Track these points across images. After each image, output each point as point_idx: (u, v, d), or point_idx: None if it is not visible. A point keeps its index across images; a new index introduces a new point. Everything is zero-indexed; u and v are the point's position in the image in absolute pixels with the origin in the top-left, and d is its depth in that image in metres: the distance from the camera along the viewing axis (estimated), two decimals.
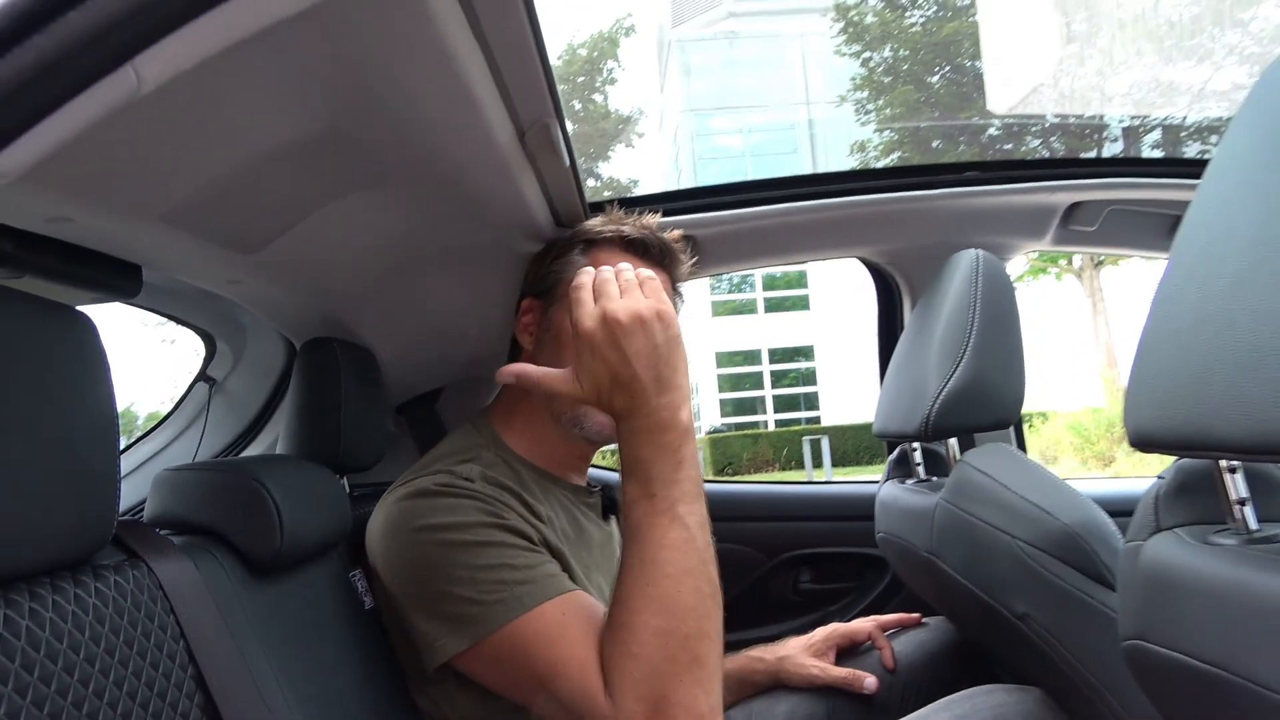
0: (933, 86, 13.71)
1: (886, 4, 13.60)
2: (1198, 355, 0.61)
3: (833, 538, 1.79)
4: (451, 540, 0.93)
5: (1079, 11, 12.37)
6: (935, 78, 13.74)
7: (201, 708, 0.73)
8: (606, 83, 13.83)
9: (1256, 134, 0.62)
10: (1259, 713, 0.57)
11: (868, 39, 13.41)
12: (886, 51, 13.50)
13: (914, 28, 13.47)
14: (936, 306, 1.32)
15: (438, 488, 0.97)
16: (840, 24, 13.53)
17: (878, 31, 13.31)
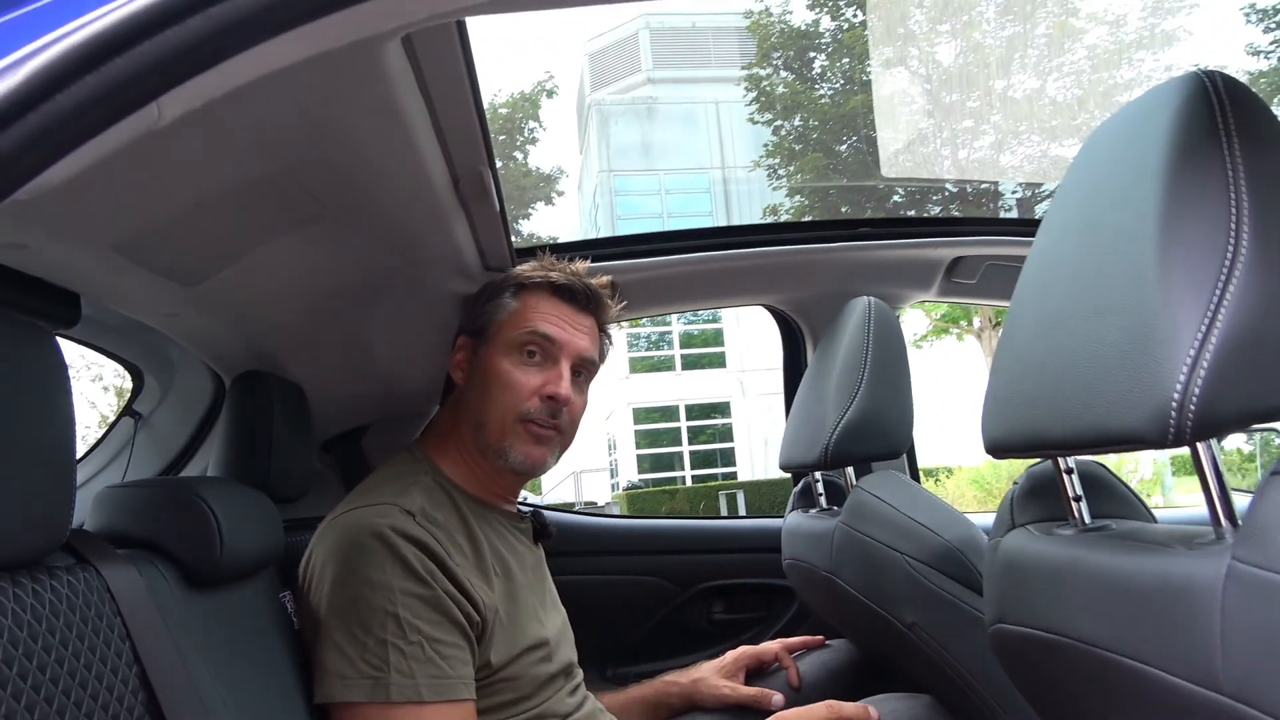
0: (841, 155, 14.34)
1: (796, 76, 14.21)
2: (1033, 372, 0.73)
3: (743, 569, 1.88)
4: (365, 598, 1.00)
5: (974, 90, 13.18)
6: (843, 147, 14.37)
7: (145, 705, 0.76)
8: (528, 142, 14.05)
9: (1078, 192, 0.75)
10: (1088, 667, 0.68)
11: (779, 108, 13.98)
12: (797, 120, 14.09)
13: (822, 99, 14.10)
14: (834, 348, 1.44)
15: (379, 535, 1.03)
16: (753, 93, 14.08)
17: (788, 101, 13.90)
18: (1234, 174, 0.57)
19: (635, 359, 20.92)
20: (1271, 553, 0.52)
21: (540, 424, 1.18)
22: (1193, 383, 0.55)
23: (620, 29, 21.72)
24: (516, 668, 1.12)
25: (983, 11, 13.34)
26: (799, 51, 14.14)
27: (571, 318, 1.23)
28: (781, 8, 14.40)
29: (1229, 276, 0.56)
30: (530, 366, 1.19)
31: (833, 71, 14.35)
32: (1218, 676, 0.54)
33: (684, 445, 20.32)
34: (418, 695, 0.97)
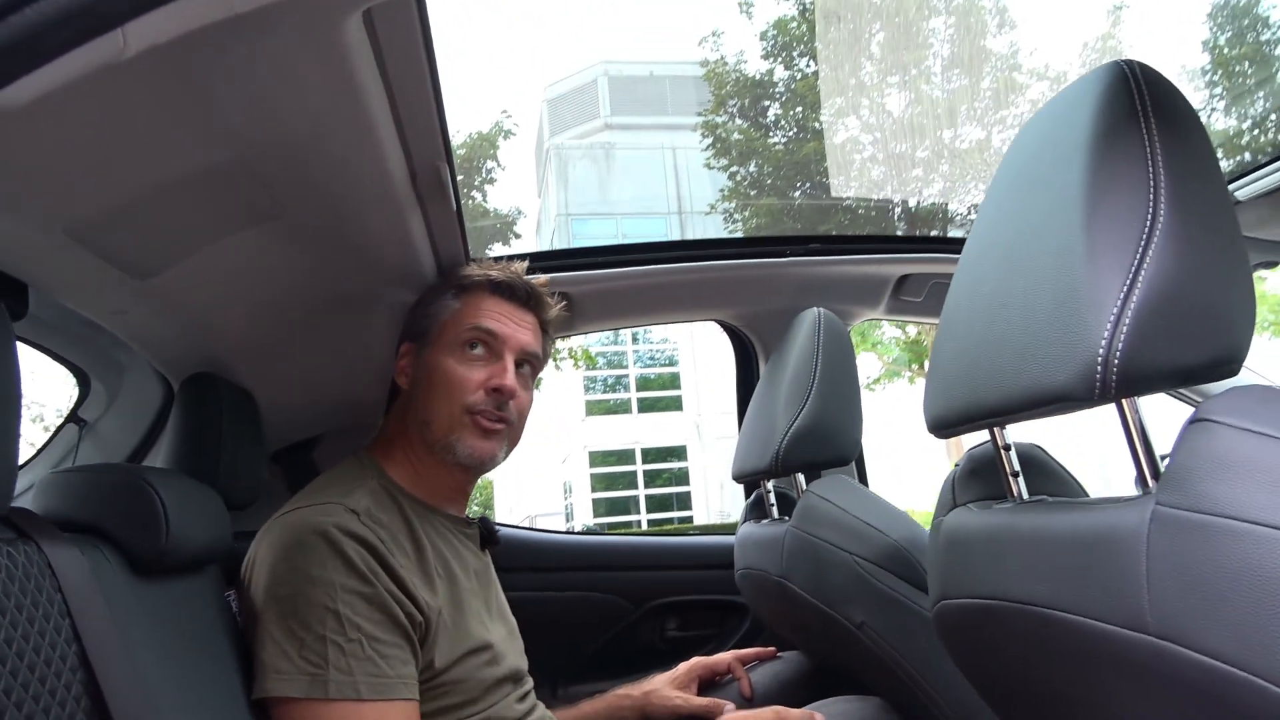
0: (794, 200, 14.60)
1: (751, 124, 14.49)
2: (970, 348, 0.76)
3: (697, 585, 1.88)
4: (306, 594, 0.99)
5: (923, 140, 13.56)
6: (797, 193, 14.63)
7: (84, 684, 0.74)
8: (486, 181, 14.07)
9: (1008, 181, 0.79)
10: (1025, 626, 0.70)
11: (734, 154, 14.23)
12: (752, 166, 14.33)
13: (776, 146, 14.38)
14: (785, 359, 1.47)
15: (322, 533, 1.03)
16: (709, 139, 14.32)
17: (743, 147, 14.16)
18: (1152, 151, 0.61)
19: (592, 401, 20.88)
20: (1192, 494, 0.54)
21: (487, 417, 1.19)
22: (1116, 339, 0.58)
23: (579, 75, 22.03)
24: (460, 670, 1.11)
25: (930, 65, 13.77)
26: (754, 100, 14.45)
27: (513, 314, 1.25)
28: (737, 57, 14.73)
29: (1148, 242, 0.59)
30: (474, 361, 1.20)
31: (786, 120, 14.66)
32: (1145, 619, 0.56)
33: (640, 489, 20.23)
34: (355, 693, 0.96)
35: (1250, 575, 0.50)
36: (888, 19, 13.49)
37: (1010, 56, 13.35)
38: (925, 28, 13.61)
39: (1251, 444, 0.53)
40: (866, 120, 13.63)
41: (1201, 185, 0.62)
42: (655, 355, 21.83)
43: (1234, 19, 10.64)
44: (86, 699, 0.74)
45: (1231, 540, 0.51)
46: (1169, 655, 0.55)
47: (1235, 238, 0.64)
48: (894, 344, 12.93)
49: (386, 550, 1.05)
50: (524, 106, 27.90)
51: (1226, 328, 0.60)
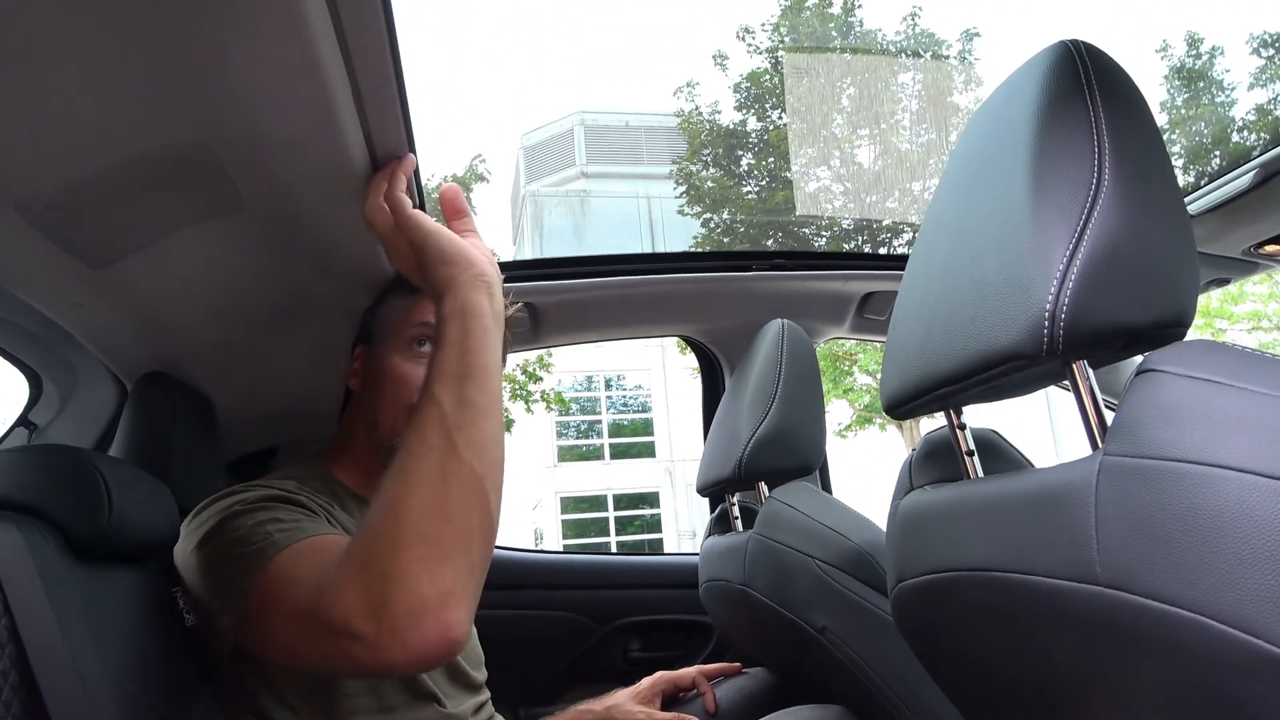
0: (767, 248, 14.77)
1: (724, 173, 14.70)
2: (923, 322, 0.76)
3: (662, 605, 1.85)
4: (232, 512, 0.95)
5: (892, 191, 13.83)
6: (770, 241, 14.81)
7: (13, 659, 0.72)
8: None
9: (958, 163, 0.80)
10: (980, 594, 0.69)
11: (708, 201, 14.41)
12: (725, 214, 14.51)
13: (749, 194, 14.58)
14: (749, 369, 1.47)
15: (241, 487, 1.01)
16: (683, 186, 14.50)
17: (717, 195, 14.34)
18: (1096, 120, 0.63)
19: (564, 448, 20.75)
20: (1139, 441, 0.55)
21: None
22: (1063, 294, 0.59)
23: (556, 125, 22.29)
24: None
25: (899, 119, 14.09)
26: (727, 149, 14.68)
27: None
28: (711, 108, 14.98)
29: (1093, 205, 0.61)
30: (422, 359, 1.17)
31: (759, 169, 14.90)
32: (1095, 569, 0.56)
33: (612, 535, 20.04)
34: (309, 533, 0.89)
35: (1195, 515, 0.50)
36: (857, 75, 13.82)
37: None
38: (894, 83, 13.96)
39: (1196, 389, 0.53)
40: (837, 170, 13.89)
41: (1145, 155, 0.64)
42: (629, 401, 21.79)
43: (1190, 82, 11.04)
44: (14, 673, 0.72)
45: (1176, 482, 0.52)
46: (1118, 603, 0.54)
47: (1179, 207, 0.65)
48: (865, 391, 13.01)
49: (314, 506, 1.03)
50: (501, 153, 28.19)
51: (1172, 289, 0.61)
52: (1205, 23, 10.81)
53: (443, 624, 0.72)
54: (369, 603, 0.72)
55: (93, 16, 0.72)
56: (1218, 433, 0.51)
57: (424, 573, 0.73)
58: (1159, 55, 11.14)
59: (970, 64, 13.83)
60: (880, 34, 14.28)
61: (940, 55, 14.14)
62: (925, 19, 13.93)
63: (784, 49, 14.17)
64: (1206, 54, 10.93)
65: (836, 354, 13.01)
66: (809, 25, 13.94)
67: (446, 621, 0.72)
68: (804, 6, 13.75)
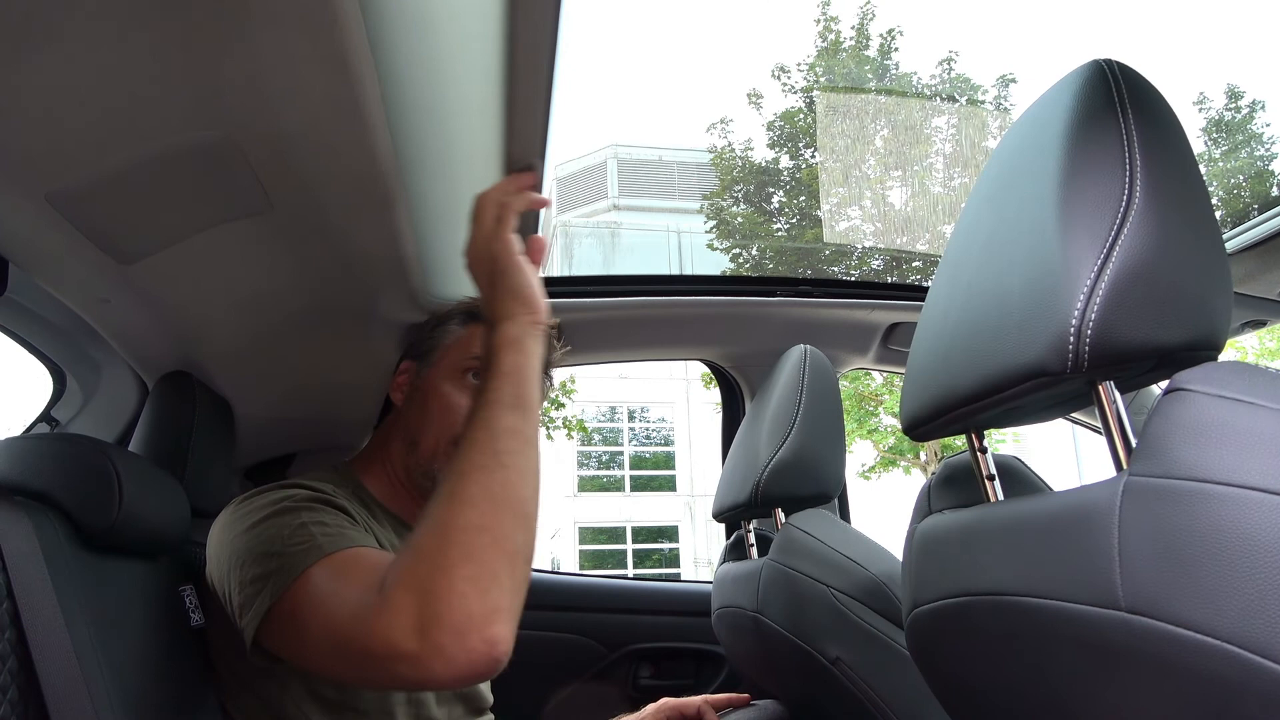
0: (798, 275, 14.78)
1: (755, 209, 14.75)
2: (946, 337, 0.75)
3: (674, 633, 1.82)
4: (280, 507, 0.95)
5: (923, 233, 13.81)
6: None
7: (12, 644, 0.71)
8: None
9: (988, 180, 0.79)
10: (996, 619, 0.67)
11: (738, 236, 14.45)
12: (754, 250, 14.54)
13: (779, 231, 14.61)
14: (769, 394, 1.46)
15: (278, 487, 1.00)
16: (713, 220, 14.57)
17: (746, 231, 14.38)
18: (1128, 137, 0.62)
19: (585, 477, 20.69)
20: (1165, 461, 0.53)
21: None
22: (1090, 309, 0.57)
23: (589, 157, 22.53)
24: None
25: (933, 162, 14.09)
26: (759, 186, 14.74)
27: None
28: (744, 145, 15.07)
29: (1123, 220, 0.59)
30: (472, 392, 1.15)
31: (790, 207, 14.94)
32: (1117, 594, 0.54)
33: (629, 568, 19.90)
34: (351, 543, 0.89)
35: (1222, 538, 0.48)
36: (891, 116, 13.86)
37: None
38: (928, 126, 13.98)
39: (1226, 409, 0.52)
40: (868, 210, 13.89)
41: (1177, 174, 0.62)
42: (651, 434, 21.72)
43: (1228, 134, 10.97)
44: (14, 659, 0.71)
45: (1203, 503, 0.50)
46: (1140, 630, 0.52)
47: (1212, 229, 0.64)
48: (889, 431, 12.88)
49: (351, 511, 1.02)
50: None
51: (1204, 311, 0.59)
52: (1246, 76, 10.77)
53: (489, 640, 0.74)
54: (416, 621, 0.73)
55: (126, 9, 0.74)
56: (1248, 453, 0.49)
57: (473, 590, 0.74)
58: (1197, 107, 11.10)
59: (1006, 109, 13.83)
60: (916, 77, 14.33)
61: (975, 100, 14.17)
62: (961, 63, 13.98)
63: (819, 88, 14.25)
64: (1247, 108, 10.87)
65: (862, 394, 12.92)
66: (845, 66, 14.02)
67: (493, 638, 0.74)
68: (840, 48, 13.84)
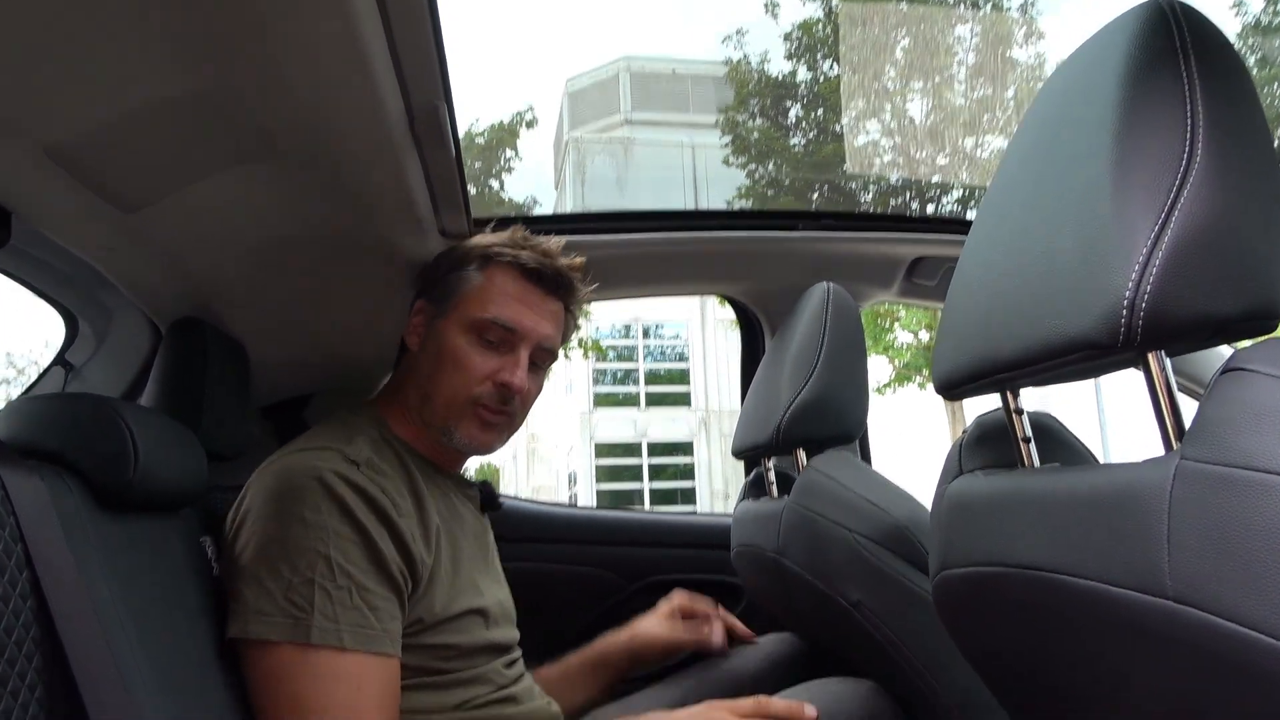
0: (812, 202, 14.54)
1: (771, 123, 14.43)
2: (985, 299, 0.71)
3: (692, 565, 1.84)
4: (297, 537, 0.95)
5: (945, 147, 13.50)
6: (815, 194, 14.58)
7: (34, 612, 0.71)
8: (504, 170, 14.06)
9: (1035, 124, 0.75)
10: (1030, 592, 0.65)
11: (753, 152, 14.17)
12: (770, 166, 14.28)
13: (796, 147, 14.32)
14: (791, 333, 1.43)
15: (319, 478, 0.99)
16: (729, 136, 14.27)
17: (763, 146, 14.10)
18: (1190, 87, 0.57)
19: (600, 394, 20.86)
20: (1222, 447, 0.50)
21: (490, 409, 1.14)
22: (1145, 281, 0.54)
23: (601, 70, 22.00)
24: (451, 631, 1.07)
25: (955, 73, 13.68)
26: (775, 99, 14.39)
27: (537, 302, 1.18)
28: (760, 57, 14.66)
29: (1183, 181, 0.55)
30: (487, 349, 1.15)
31: (807, 121, 14.60)
32: (1164, 581, 0.52)
33: (645, 482, 20.21)
34: (339, 641, 0.92)
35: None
36: (913, 26, 13.39)
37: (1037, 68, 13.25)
38: (951, 35, 13.51)
39: None
40: (888, 125, 13.55)
41: (1243, 128, 0.58)
42: (666, 350, 21.79)
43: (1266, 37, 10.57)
44: (37, 627, 0.71)
45: (1264, 495, 0.47)
46: (1187, 620, 0.50)
47: (1276, 185, 0.59)
48: (906, 349, 12.84)
49: (386, 502, 1.01)
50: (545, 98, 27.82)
51: (1265, 278, 0.55)
52: None
53: None
54: None
55: None
56: None
57: None
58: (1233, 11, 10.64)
59: (1032, 16, 13.33)
60: None
61: (1000, 6, 13.63)
62: None
63: None
64: None
65: (878, 310, 12.84)
66: None
67: None
68: None
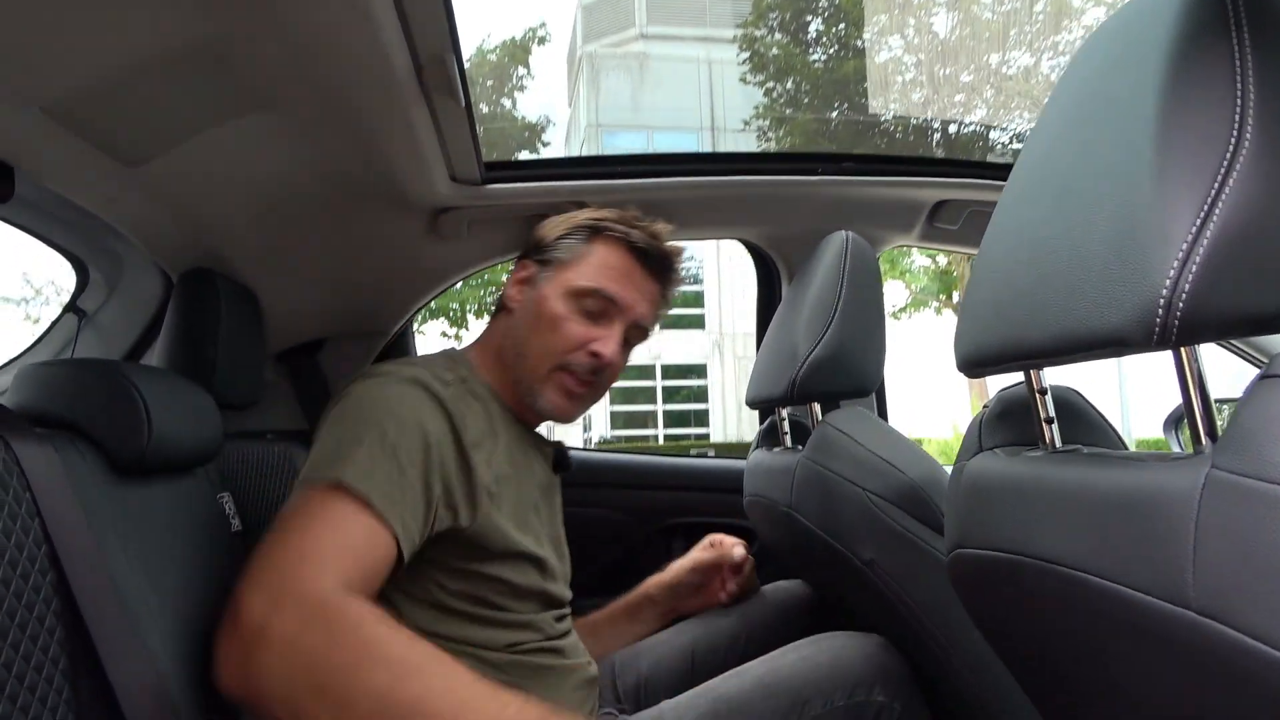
0: (831, 121, 14.23)
1: (791, 39, 14.02)
2: (1012, 281, 0.69)
3: (705, 507, 1.85)
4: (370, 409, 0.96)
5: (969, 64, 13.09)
6: (834, 112, 14.26)
7: (54, 586, 0.72)
8: (516, 89, 13.77)
9: (1070, 92, 0.71)
10: (1049, 586, 0.64)
11: (772, 69, 13.81)
12: (789, 83, 13.93)
13: (816, 64, 13.94)
14: (808, 282, 1.40)
15: (414, 378, 1.01)
16: (747, 52, 13.90)
17: (781, 63, 13.73)
18: (1242, 64, 0.53)
19: None
20: (1256, 459, 0.48)
21: (577, 378, 1.15)
22: (1183, 279, 0.51)
23: None
24: (509, 566, 1.07)
25: None
26: (795, 14, 13.94)
27: (640, 281, 1.20)
28: None
29: (1229, 169, 0.52)
30: (584, 317, 1.15)
31: (828, 36, 14.17)
32: (1187, 592, 0.51)
33: (658, 404, 20.34)
34: (365, 492, 0.88)
35: None
36: None
37: None
38: None
39: None
40: (911, 40, 13.14)
41: None
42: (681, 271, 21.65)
43: None
44: (57, 600, 0.72)
45: None
46: (1209, 633, 0.49)
47: None
48: (922, 273, 12.71)
49: (461, 426, 1.02)
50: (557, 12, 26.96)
51: None
52: None
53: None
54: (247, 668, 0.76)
55: None
56: None
57: None
58: None
59: None
60: None
61: None
62: None
63: None
64: None
65: None
66: None
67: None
68: None
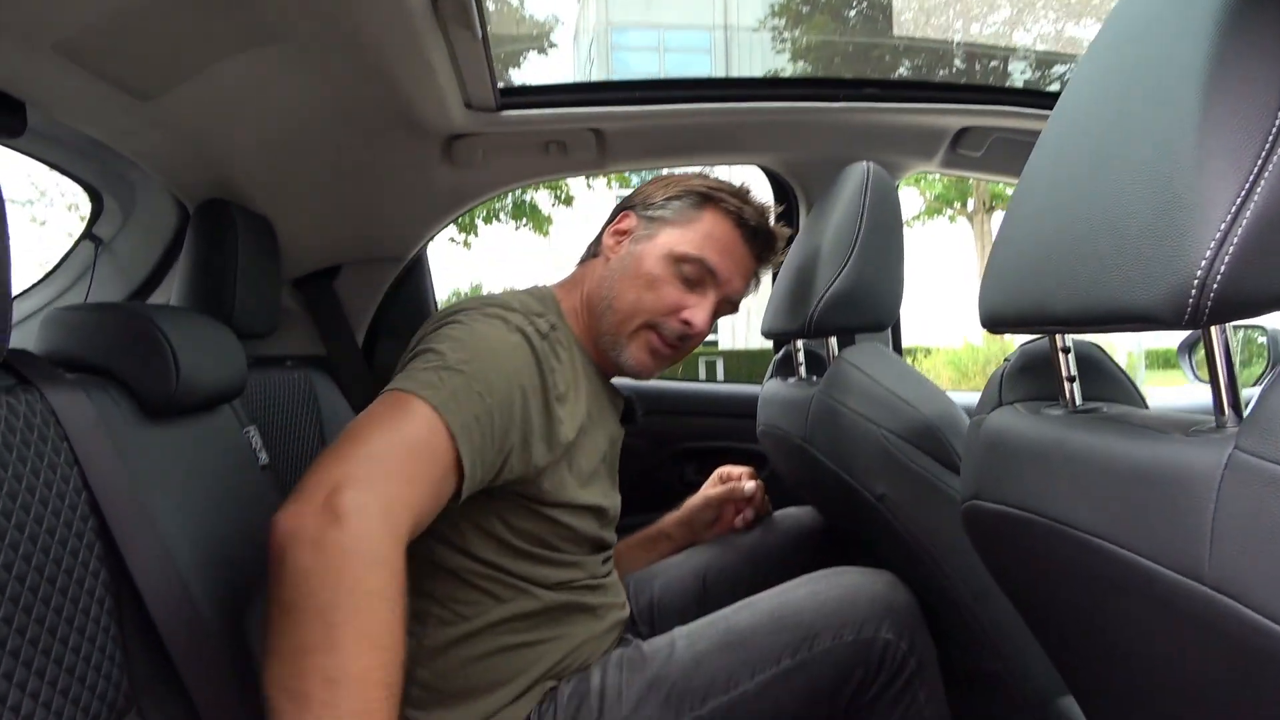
0: (849, 20, 13.77)
1: None
2: (1042, 244, 0.68)
3: (717, 432, 1.88)
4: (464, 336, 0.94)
5: None
6: (852, 12, 13.78)
7: (96, 532, 0.74)
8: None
9: (1109, 49, 0.68)
10: (1063, 547, 0.66)
11: None
12: None
13: None
14: (827, 214, 1.38)
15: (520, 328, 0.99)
16: None
17: None
18: None
19: None
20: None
21: (665, 339, 1.16)
22: (1219, 260, 0.50)
23: None
24: (576, 515, 1.09)
25: None
26: None
27: (741, 256, 1.20)
28: None
29: (1274, 145, 0.50)
30: (681, 282, 1.15)
31: None
32: (1203, 568, 0.52)
33: None
34: (447, 412, 0.85)
35: None
36: None
37: None
38: None
39: None
40: None
41: None
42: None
43: None
44: (100, 544, 0.74)
45: None
46: (1222, 609, 0.51)
47: None
48: (937, 180, 12.49)
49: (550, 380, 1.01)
50: None
51: None
52: None
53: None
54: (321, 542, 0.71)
55: None
56: None
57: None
58: None
59: None
60: None
61: None
62: None
63: None
64: None
65: None
66: None
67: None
68: None
